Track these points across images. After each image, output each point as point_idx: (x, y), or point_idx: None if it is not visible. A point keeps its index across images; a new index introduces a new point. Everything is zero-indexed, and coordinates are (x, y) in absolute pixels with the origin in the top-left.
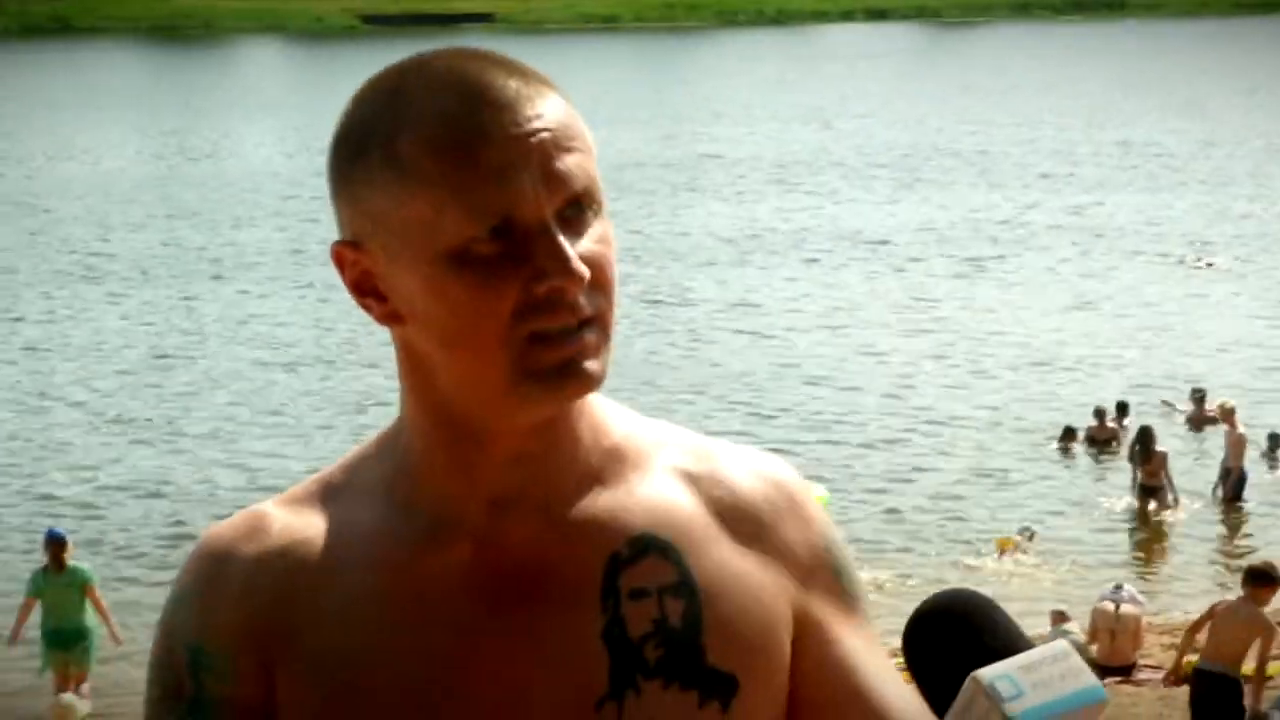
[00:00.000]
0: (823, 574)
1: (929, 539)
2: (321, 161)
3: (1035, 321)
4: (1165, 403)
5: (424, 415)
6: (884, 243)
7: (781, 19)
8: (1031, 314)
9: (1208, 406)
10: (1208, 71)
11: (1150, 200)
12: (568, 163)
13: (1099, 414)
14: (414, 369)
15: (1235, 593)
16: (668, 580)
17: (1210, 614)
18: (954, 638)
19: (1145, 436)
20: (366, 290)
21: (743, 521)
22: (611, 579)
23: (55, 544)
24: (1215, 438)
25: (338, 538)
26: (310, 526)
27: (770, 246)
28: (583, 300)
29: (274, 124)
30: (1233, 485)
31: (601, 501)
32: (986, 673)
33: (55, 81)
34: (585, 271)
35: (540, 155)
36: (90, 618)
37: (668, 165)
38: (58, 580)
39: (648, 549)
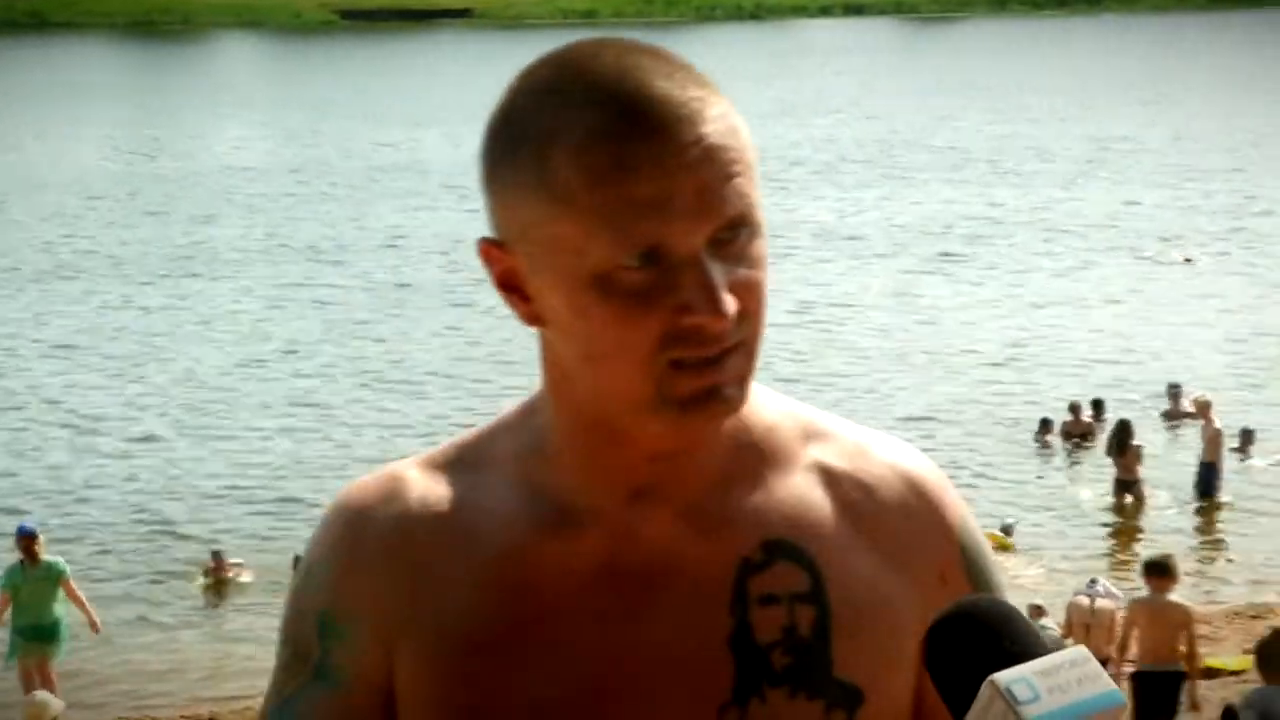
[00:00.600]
0: (955, 579)
1: None
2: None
3: (1010, 317)
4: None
5: (562, 411)
6: (858, 238)
7: (759, 14)
8: (1006, 309)
9: (1183, 401)
10: (1184, 66)
11: (1127, 195)
12: (724, 188)
13: (1074, 408)
14: (554, 368)
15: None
16: (799, 588)
17: (1131, 619)
18: (973, 642)
19: (1122, 431)
20: (512, 288)
21: (879, 526)
22: (741, 583)
23: (26, 539)
24: (1192, 432)
25: (471, 513)
26: (445, 498)
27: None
28: (732, 331)
29: (251, 119)
30: (1209, 479)
31: (737, 502)
32: (1003, 676)
33: (31, 77)
34: (732, 307)
35: (695, 183)
36: (60, 610)
37: None
38: (33, 574)
39: (781, 554)
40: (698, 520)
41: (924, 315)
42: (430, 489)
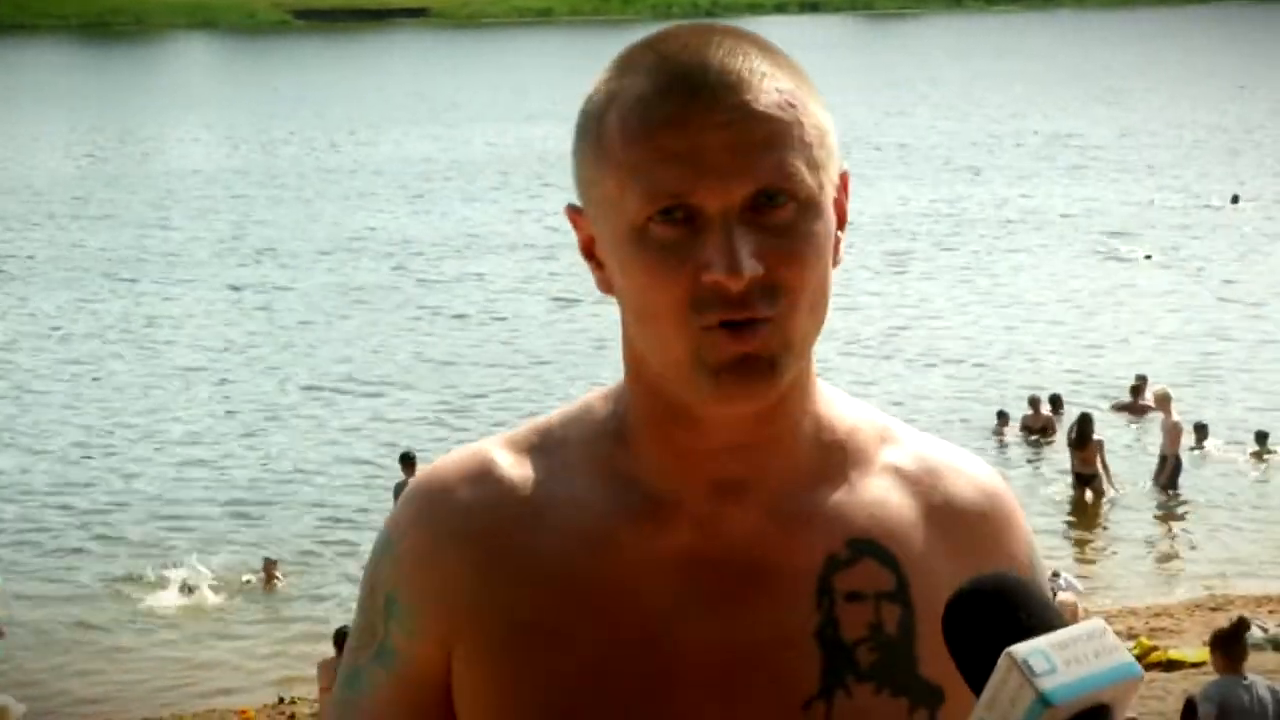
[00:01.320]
0: None
1: None
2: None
3: (966, 313)
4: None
5: (636, 385)
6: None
7: (716, 11)
8: (962, 306)
9: (1145, 395)
10: (1138, 61)
11: (1083, 191)
12: (759, 153)
13: (1033, 402)
14: (627, 346)
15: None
16: (885, 586)
17: None
18: (990, 616)
19: (1083, 424)
20: (590, 254)
21: (959, 532)
22: (827, 579)
23: None
24: (1152, 425)
25: (553, 496)
26: (529, 480)
27: None
28: (759, 299)
29: (205, 120)
30: (1169, 472)
31: (822, 498)
32: (1020, 648)
33: None
34: (748, 268)
35: (726, 142)
36: None
37: None
38: None
39: (866, 552)
40: (783, 516)
41: (877, 312)
42: (514, 471)
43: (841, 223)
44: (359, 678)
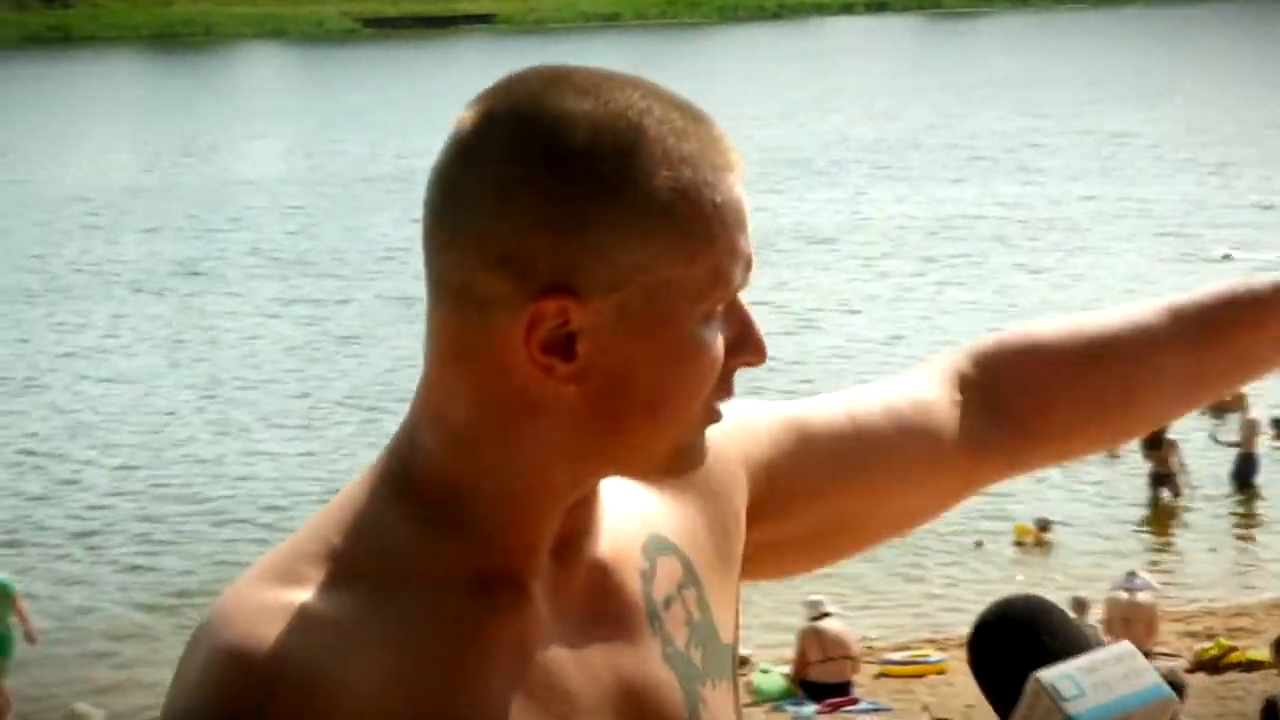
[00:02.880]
0: (749, 434)
1: (944, 528)
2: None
3: (1041, 313)
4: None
5: (509, 478)
6: (901, 232)
7: (782, 13)
8: (1037, 306)
9: None
10: (1207, 57)
11: (1153, 190)
12: None
13: None
14: (541, 436)
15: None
16: (678, 575)
17: None
18: (1017, 643)
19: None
20: (557, 350)
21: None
22: (649, 597)
23: None
24: (1229, 422)
25: (396, 625)
26: (356, 615)
27: (776, 242)
28: None
29: (274, 129)
30: (1247, 469)
31: (613, 519)
32: (1048, 673)
33: (55, 91)
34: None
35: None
36: (6, 626)
37: None
38: None
39: (657, 550)
40: (599, 553)
41: (949, 311)
42: (335, 609)
43: None
44: None
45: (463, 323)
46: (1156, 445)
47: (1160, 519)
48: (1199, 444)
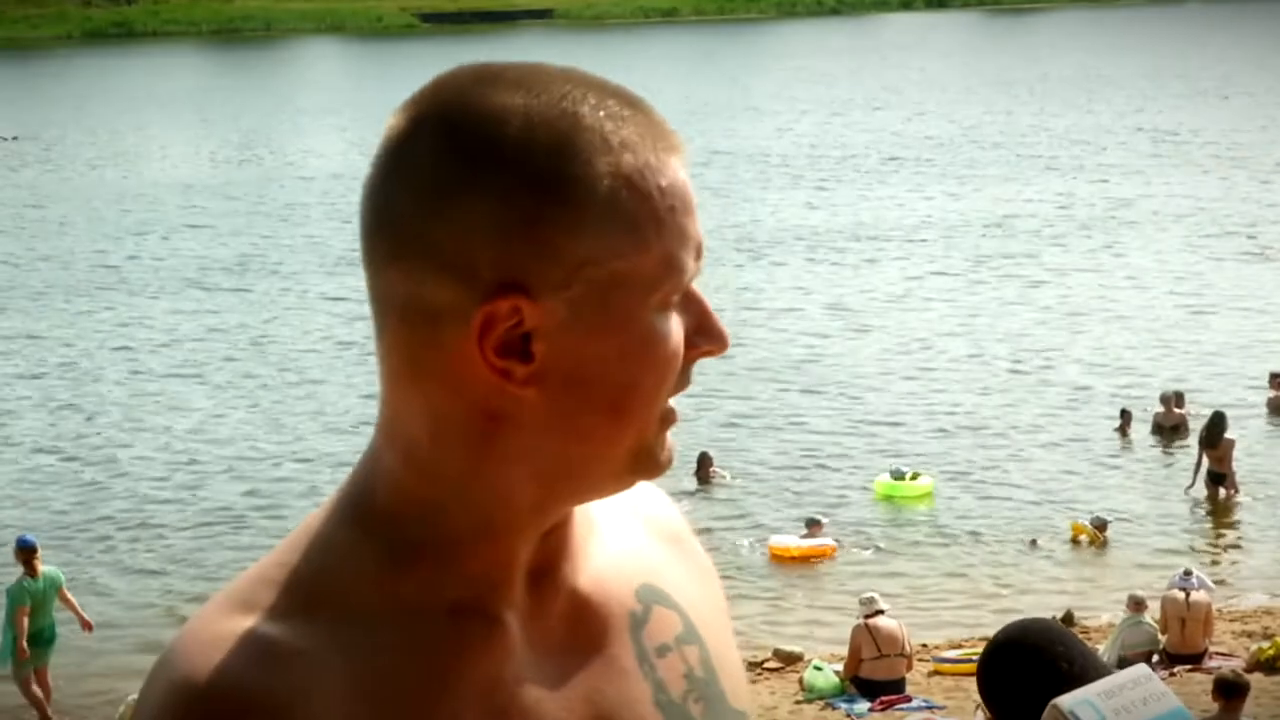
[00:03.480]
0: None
1: (997, 526)
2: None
3: (1092, 313)
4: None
5: (478, 500)
6: (955, 230)
7: (841, 9)
8: (1093, 304)
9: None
10: (1270, 53)
11: (1219, 187)
12: None
13: (1165, 400)
14: (497, 450)
15: None
16: (678, 629)
17: None
18: (1029, 667)
19: (1216, 422)
20: (513, 351)
21: (679, 546)
22: (639, 642)
23: (29, 551)
24: None
25: (367, 657)
26: (321, 645)
27: (833, 240)
28: None
29: (335, 124)
30: None
31: (603, 557)
32: (1067, 700)
33: (118, 86)
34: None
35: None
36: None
37: (737, 156)
38: (38, 585)
39: (653, 600)
40: (580, 593)
41: (1018, 303)
42: (301, 639)
43: None
44: None
45: (413, 338)
46: (1213, 444)
47: (1218, 517)
48: (1257, 441)
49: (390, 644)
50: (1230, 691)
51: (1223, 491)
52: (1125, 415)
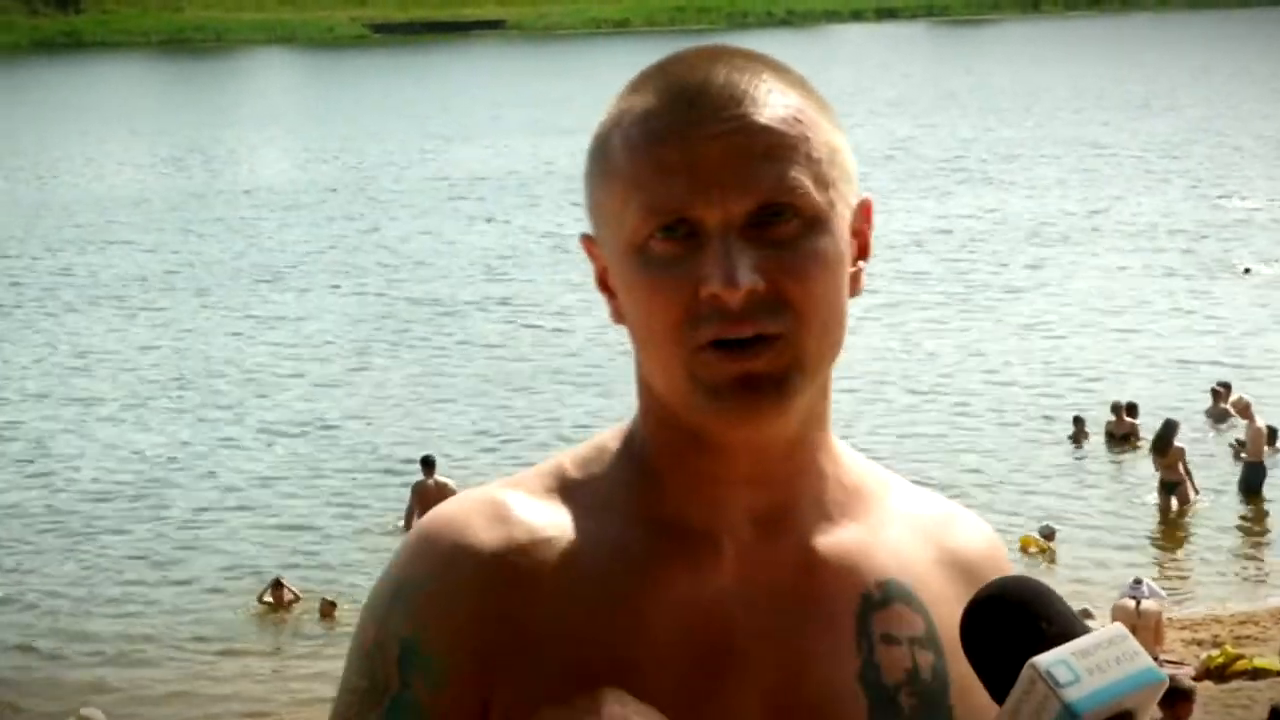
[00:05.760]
0: None
1: None
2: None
3: (1043, 322)
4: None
5: (654, 417)
6: (918, 241)
7: (791, 20)
8: (1040, 314)
9: (1226, 400)
10: (1221, 64)
11: (1165, 201)
12: (759, 165)
13: (1116, 409)
14: (638, 370)
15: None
16: (917, 631)
17: None
18: (1011, 624)
19: (1167, 430)
20: (605, 285)
21: (970, 580)
22: (864, 620)
23: None
24: (1235, 432)
25: (580, 541)
26: (551, 524)
27: None
28: (762, 314)
29: (285, 135)
30: (1253, 478)
31: (850, 539)
32: (1043, 659)
33: (67, 96)
34: (745, 281)
35: (727, 156)
36: None
37: None
38: None
39: (896, 595)
40: (817, 554)
41: (973, 314)
42: (534, 515)
43: (863, 252)
44: None
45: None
46: (1163, 451)
47: (1168, 526)
48: (1205, 452)
49: (611, 539)
50: (1172, 697)
51: (1175, 500)
52: (1079, 423)
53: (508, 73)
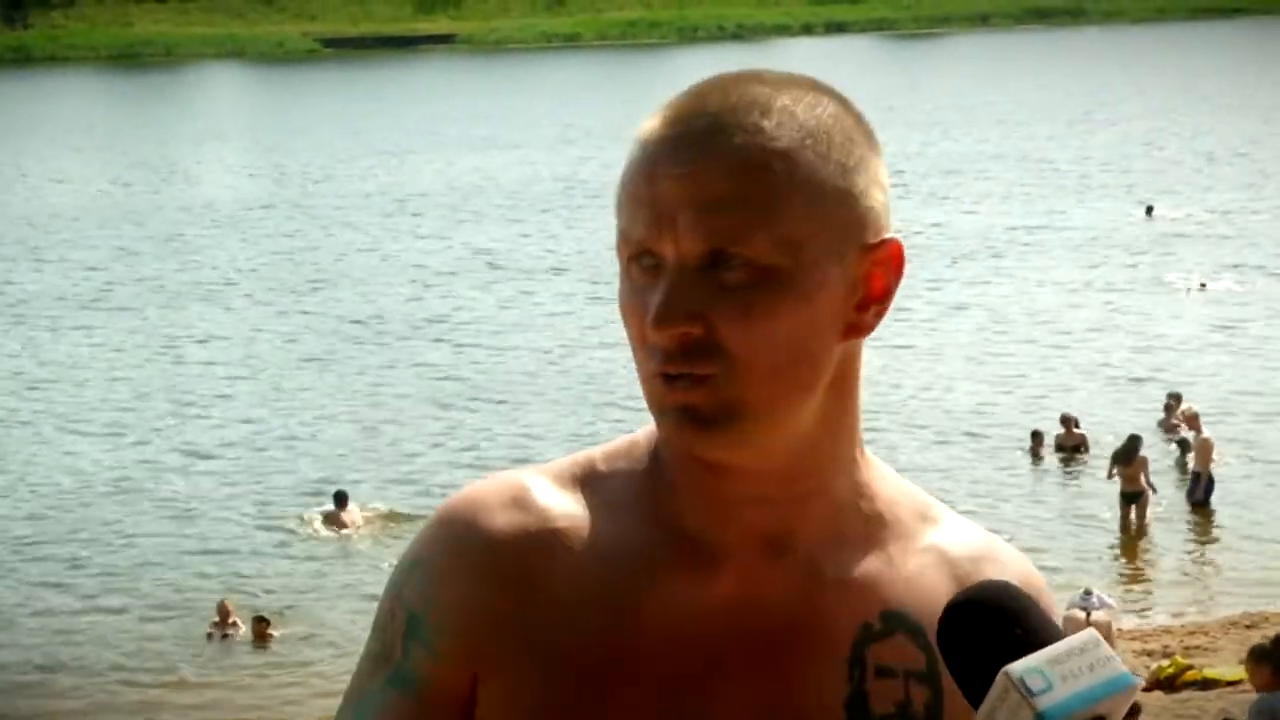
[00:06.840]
0: None
1: None
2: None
3: (1003, 337)
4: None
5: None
6: None
7: (742, 34)
8: (996, 327)
9: (1175, 414)
10: (1170, 77)
11: (1120, 211)
12: (714, 216)
13: (1065, 421)
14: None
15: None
16: (915, 665)
17: None
18: (986, 630)
19: (1133, 442)
20: None
21: None
22: (860, 649)
23: None
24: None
25: (593, 533)
26: (569, 514)
27: None
28: (694, 355)
29: (235, 149)
30: (1202, 489)
31: (860, 567)
32: (1017, 667)
33: (15, 111)
34: (677, 324)
35: (683, 199)
36: None
37: None
38: None
39: (899, 627)
40: (822, 579)
41: (916, 329)
42: (554, 502)
43: (875, 296)
44: (369, 702)
45: None
46: (1128, 462)
47: (1125, 537)
48: (1155, 464)
49: (622, 538)
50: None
51: (1134, 511)
52: (1037, 437)
53: (459, 87)
